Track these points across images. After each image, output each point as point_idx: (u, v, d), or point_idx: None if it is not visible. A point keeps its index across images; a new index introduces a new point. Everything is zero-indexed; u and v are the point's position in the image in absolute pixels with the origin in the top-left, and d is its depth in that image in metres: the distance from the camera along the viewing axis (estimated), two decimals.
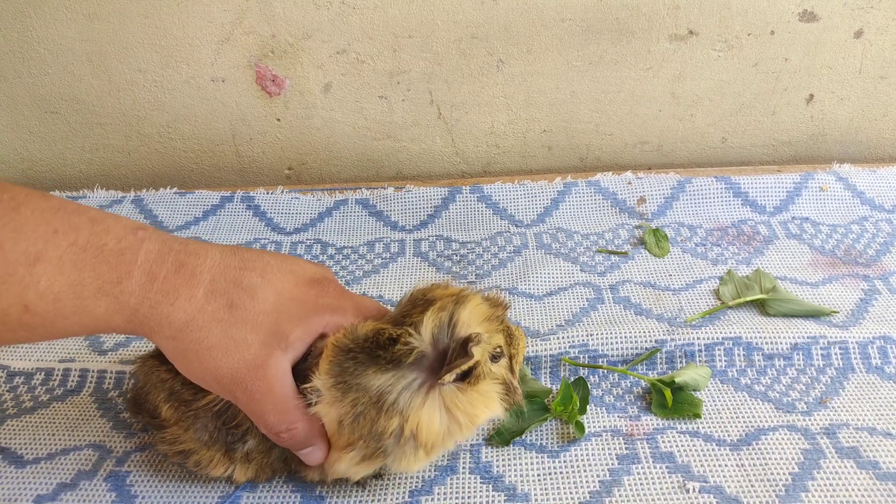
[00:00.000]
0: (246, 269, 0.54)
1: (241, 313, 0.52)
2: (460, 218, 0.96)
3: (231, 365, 0.51)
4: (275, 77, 1.00)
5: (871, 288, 0.80)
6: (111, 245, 0.49)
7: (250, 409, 0.53)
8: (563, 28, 0.96)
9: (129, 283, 0.49)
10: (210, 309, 0.51)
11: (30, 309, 0.47)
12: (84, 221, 0.49)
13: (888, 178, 0.95)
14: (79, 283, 0.48)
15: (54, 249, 0.47)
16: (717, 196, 0.95)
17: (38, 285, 0.46)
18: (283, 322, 0.53)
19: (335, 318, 0.55)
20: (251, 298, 0.52)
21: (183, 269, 0.51)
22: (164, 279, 0.50)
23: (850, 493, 0.58)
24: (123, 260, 0.49)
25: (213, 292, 0.52)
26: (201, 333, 0.51)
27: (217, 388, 0.53)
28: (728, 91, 1.01)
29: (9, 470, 0.64)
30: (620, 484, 0.60)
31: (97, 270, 0.48)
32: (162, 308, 0.50)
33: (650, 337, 0.73)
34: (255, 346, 0.52)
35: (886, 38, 0.97)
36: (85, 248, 0.48)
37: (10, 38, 0.97)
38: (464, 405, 0.55)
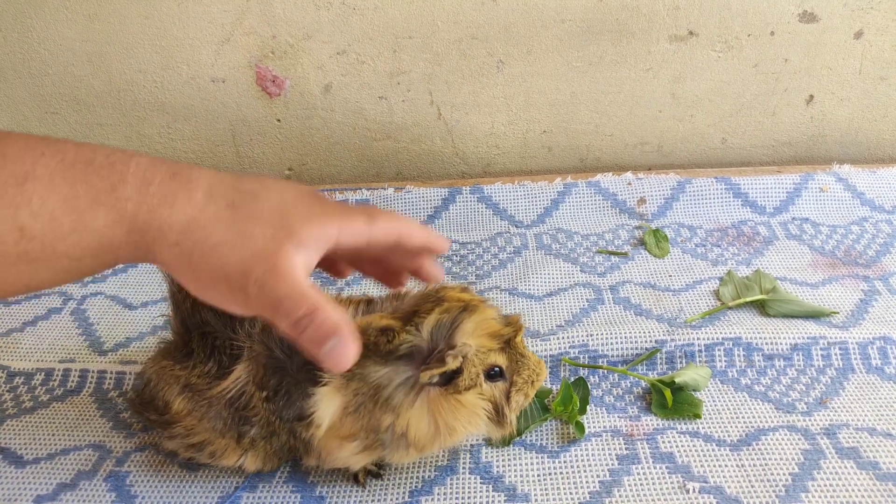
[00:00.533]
0: (244, 179, 0.51)
1: (244, 211, 0.49)
2: (460, 218, 0.96)
3: (239, 258, 0.47)
4: (275, 78, 1.00)
5: (870, 288, 0.80)
6: (100, 159, 0.48)
7: (263, 301, 0.48)
8: (563, 29, 0.96)
9: (123, 189, 0.47)
10: (211, 209, 0.48)
11: (26, 232, 0.45)
12: (70, 145, 0.48)
13: (888, 178, 0.95)
14: (72, 196, 0.46)
15: (43, 168, 0.46)
16: (717, 197, 0.95)
17: (30, 204, 0.45)
18: (292, 218, 0.49)
19: (347, 221, 0.51)
20: (253, 199, 0.50)
21: (178, 176, 0.49)
22: (160, 183, 0.48)
23: (850, 493, 0.58)
24: (115, 170, 0.48)
25: (212, 195, 0.49)
26: (204, 232, 0.48)
27: (226, 288, 0.48)
28: (728, 92, 1.01)
29: (9, 470, 0.64)
30: (620, 484, 0.60)
31: (89, 182, 0.47)
32: (161, 211, 0.48)
33: (650, 337, 0.73)
34: (262, 238, 0.48)
35: (886, 38, 0.97)
36: (73, 163, 0.47)
37: (10, 39, 0.97)
38: (445, 413, 0.55)
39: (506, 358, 0.58)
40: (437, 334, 0.54)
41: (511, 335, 0.58)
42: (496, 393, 0.57)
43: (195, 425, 0.58)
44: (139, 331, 0.80)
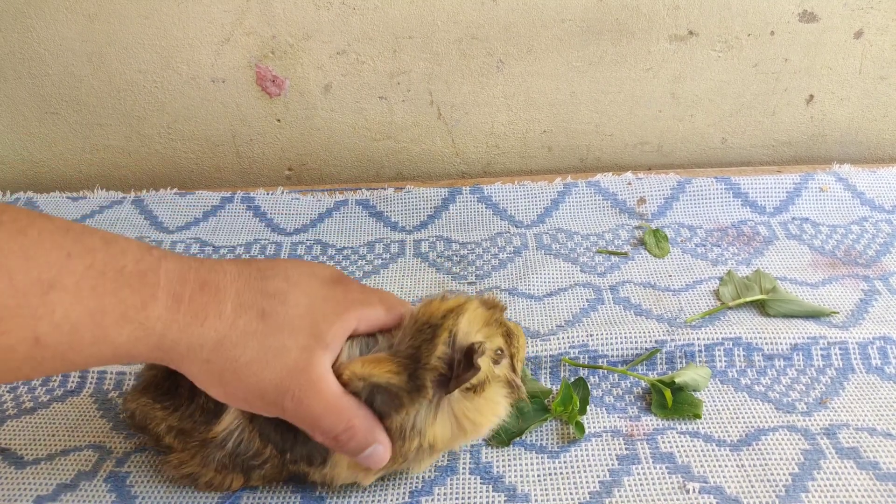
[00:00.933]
0: (268, 278, 0.51)
1: (275, 320, 0.49)
2: (460, 218, 0.96)
3: (273, 375, 0.48)
4: (275, 78, 1.00)
5: (870, 288, 0.80)
6: (130, 267, 0.45)
7: (301, 417, 0.50)
8: (563, 28, 0.96)
9: (154, 307, 0.45)
10: (241, 323, 0.48)
11: (41, 342, 0.42)
12: (98, 242, 0.45)
13: (888, 178, 0.95)
14: (99, 311, 0.43)
15: (70, 275, 0.42)
16: (717, 197, 0.95)
17: (52, 316, 0.42)
18: (319, 322, 0.50)
19: (366, 310, 0.53)
20: (282, 304, 0.50)
21: (206, 287, 0.48)
22: (191, 299, 0.47)
23: (850, 493, 0.58)
24: (146, 282, 0.45)
25: (241, 305, 0.49)
26: (237, 350, 0.48)
27: (261, 404, 0.50)
28: (728, 91, 1.01)
29: (9, 470, 0.64)
30: (620, 484, 0.60)
31: (119, 295, 0.44)
32: (192, 330, 0.47)
33: (650, 337, 0.73)
34: (294, 350, 0.49)
35: (886, 38, 0.97)
36: (103, 271, 0.44)
37: (10, 39, 0.97)
38: (471, 413, 0.55)
39: (502, 337, 0.59)
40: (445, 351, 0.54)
41: (499, 316, 0.59)
42: (505, 371, 0.58)
43: (188, 460, 0.58)
44: None
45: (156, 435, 0.59)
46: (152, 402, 0.58)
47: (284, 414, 0.50)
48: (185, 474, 0.59)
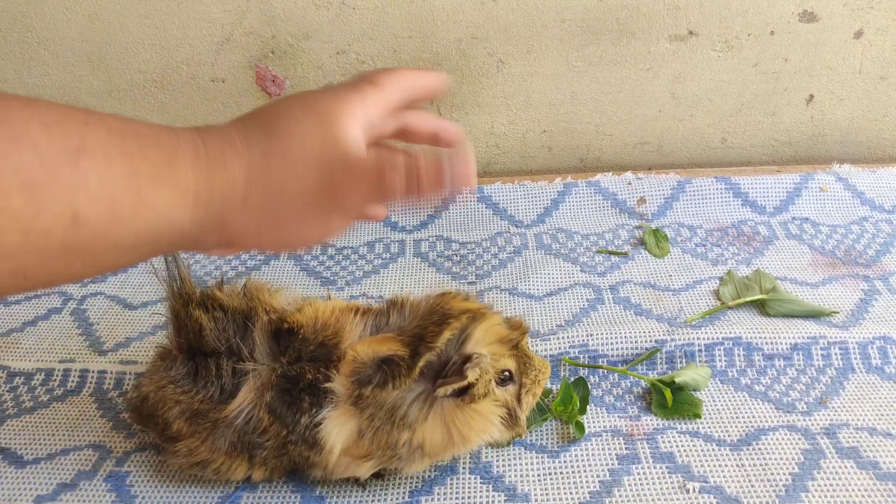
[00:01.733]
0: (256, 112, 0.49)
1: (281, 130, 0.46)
2: (460, 218, 0.96)
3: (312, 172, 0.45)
4: (275, 77, 1.00)
5: (870, 288, 0.80)
6: (145, 130, 0.42)
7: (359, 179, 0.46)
8: (563, 28, 0.96)
9: (180, 161, 0.42)
10: (256, 147, 0.45)
11: (79, 219, 0.38)
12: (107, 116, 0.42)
13: (888, 178, 0.95)
14: (132, 173, 0.40)
15: (95, 140, 0.39)
16: (717, 196, 0.95)
17: (88, 185, 0.38)
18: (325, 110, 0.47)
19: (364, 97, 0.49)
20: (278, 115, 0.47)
21: (213, 134, 0.46)
22: (207, 148, 0.44)
23: (850, 493, 0.58)
24: (163, 142, 0.43)
25: (246, 134, 0.46)
26: (263, 171, 0.45)
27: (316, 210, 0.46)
28: (728, 91, 1.01)
29: (9, 470, 0.64)
30: (620, 484, 0.60)
31: (146, 154, 0.41)
32: (219, 174, 0.44)
33: (650, 337, 0.73)
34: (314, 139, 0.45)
35: (886, 38, 0.97)
36: (124, 133, 0.41)
37: (10, 39, 0.97)
38: (460, 423, 0.55)
39: (514, 361, 0.58)
40: (448, 347, 0.55)
41: (518, 339, 0.59)
42: (508, 397, 0.58)
43: (197, 446, 0.58)
44: (139, 331, 0.80)
45: (164, 421, 0.58)
46: (172, 383, 0.58)
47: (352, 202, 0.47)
48: (195, 462, 0.59)
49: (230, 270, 0.88)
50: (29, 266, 0.37)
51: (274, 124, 0.47)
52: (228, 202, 0.45)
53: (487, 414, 0.56)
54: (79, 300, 0.85)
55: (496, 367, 0.57)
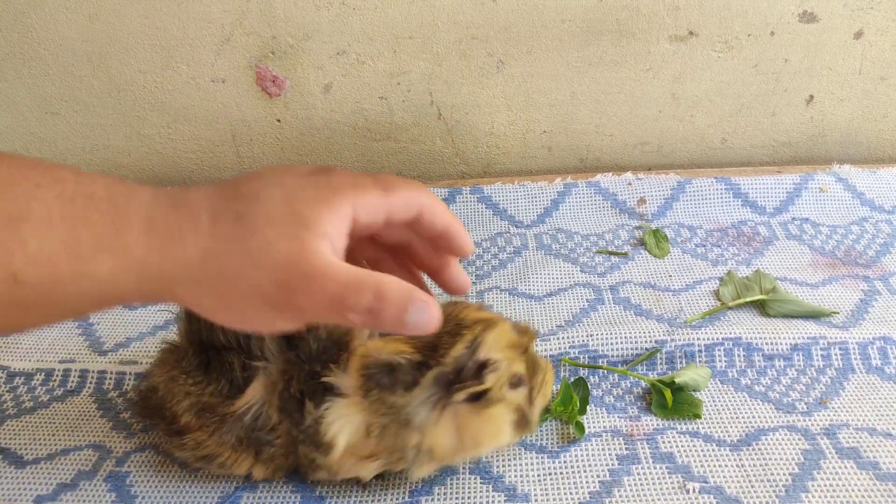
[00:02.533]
0: (240, 183, 0.47)
1: (252, 220, 0.44)
2: (460, 219, 0.95)
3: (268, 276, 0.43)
4: (275, 78, 1.00)
5: (871, 289, 0.80)
6: (101, 193, 0.43)
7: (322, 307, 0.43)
8: (563, 29, 0.96)
9: (129, 234, 0.43)
10: (220, 230, 0.44)
11: (19, 279, 0.40)
12: (67, 174, 0.43)
13: (888, 178, 0.95)
14: (73, 240, 0.41)
15: (40, 205, 0.40)
16: (717, 197, 0.95)
17: (26, 249, 0.40)
18: (302, 209, 0.44)
19: (359, 196, 0.46)
20: (256, 201, 0.45)
21: (178, 205, 0.45)
22: (165, 220, 0.44)
23: (850, 493, 0.58)
24: (117, 208, 0.43)
25: (215, 213, 0.44)
26: (221, 260, 0.44)
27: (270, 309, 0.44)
28: (728, 92, 1.01)
29: (9, 470, 0.64)
30: (620, 484, 0.60)
31: (90, 221, 0.42)
32: (172, 250, 0.43)
33: (650, 337, 0.73)
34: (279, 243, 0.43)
35: (886, 38, 0.97)
36: (73, 198, 0.42)
37: (10, 39, 0.97)
38: (472, 428, 0.55)
39: (524, 365, 0.58)
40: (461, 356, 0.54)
41: (527, 344, 0.59)
42: (520, 399, 0.58)
43: (205, 439, 0.58)
44: (139, 331, 0.80)
45: (172, 414, 0.58)
46: (184, 374, 0.58)
47: (305, 314, 0.44)
48: (201, 455, 0.58)
49: None
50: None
51: (247, 211, 0.45)
52: (180, 280, 0.44)
53: (500, 418, 0.56)
54: None
55: (508, 372, 0.57)
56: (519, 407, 0.57)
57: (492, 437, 0.56)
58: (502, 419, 0.56)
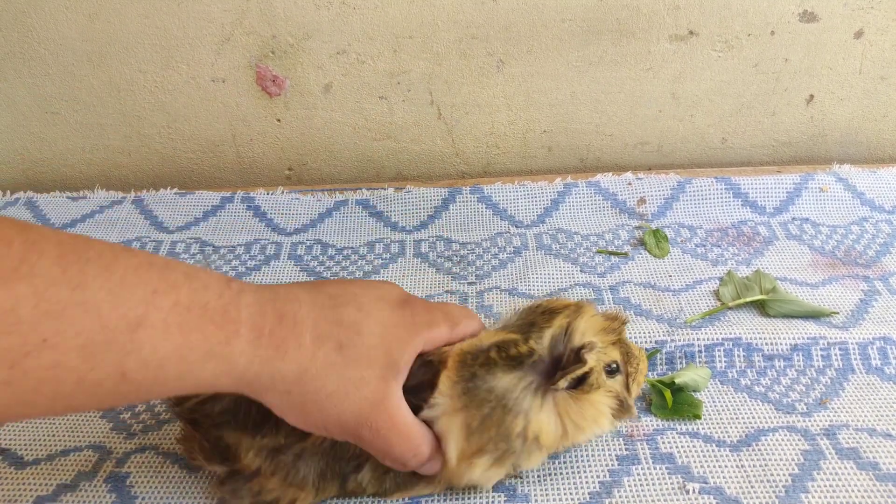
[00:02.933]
0: (339, 306, 0.52)
1: (353, 352, 0.50)
2: (460, 218, 0.96)
3: (353, 407, 0.50)
4: (275, 77, 1.00)
5: (871, 289, 0.80)
6: (213, 302, 0.45)
7: (376, 446, 0.52)
8: (564, 28, 0.96)
9: (238, 343, 0.46)
10: (321, 355, 0.49)
11: (127, 377, 0.42)
12: (180, 277, 0.45)
13: (888, 178, 0.95)
14: (186, 347, 0.44)
15: (157, 312, 0.42)
16: (717, 197, 0.95)
17: (140, 353, 0.42)
18: (393, 350, 0.52)
19: (432, 333, 0.55)
20: (357, 334, 0.51)
21: (285, 320, 0.49)
22: (271, 333, 0.48)
23: (850, 493, 0.58)
24: (228, 318, 0.46)
25: (319, 337, 0.50)
26: (318, 382, 0.49)
27: (339, 433, 0.52)
28: (728, 91, 1.01)
29: (9, 471, 0.64)
30: (620, 485, 0.60)
31: (204, 332, 0.44)
32: (274, 363, 0.47)
33: (650, 338, 0.73)
34: (373, 382, 0.50)
35: (887, 38, 0.97)
36: (189, 307, 0.44)
37: (10, 39, 0.97)
38: (574, 414, 0.55)
39: (619, 352, 0.59)
40: (556, 343, 0.55)
41: (619, 329, 0.59)
42: (618, 387, 0.58)
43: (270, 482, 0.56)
44: None
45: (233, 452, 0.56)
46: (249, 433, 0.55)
47: (360, 442, 0.52)
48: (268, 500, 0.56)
49: (230, 271, 0.88)
50: (79, 404, 0.42)
51: (349, 343, 0.50)
52: (272, 387, 0.49)
53: (601, 404, 0.57)
54: None
55: (603, 359, 0.57)
56: (618, 393, 0.58)
57: (592, 423, 0.56)
58: (602, 404, 0.57)
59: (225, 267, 0.89)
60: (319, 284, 0.55)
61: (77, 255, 0.41)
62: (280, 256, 0.91)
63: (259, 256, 0.91)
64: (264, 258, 0.90)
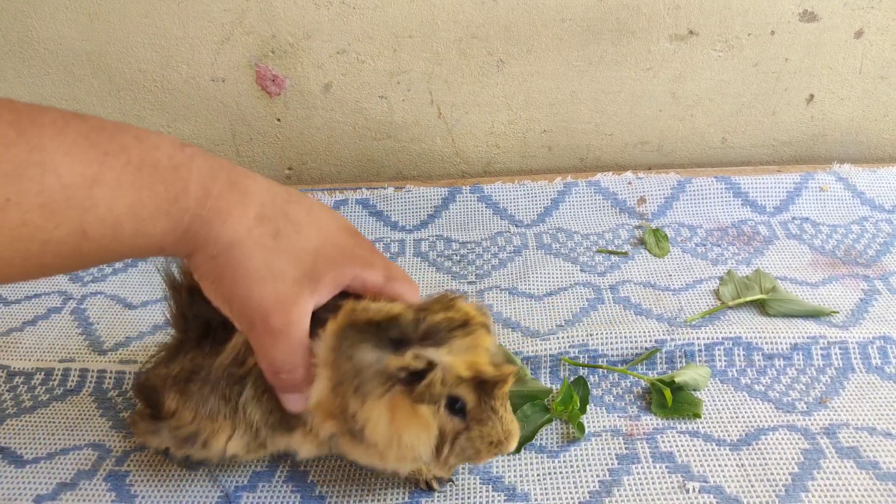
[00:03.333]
0: (293, 202, 0.53)
1: (286, 243, 0.51)
2: (460, 218, 0.96)
3: (261, 295, 0.50)
4: (275, 77, 1.00)
5: (870, 288, 0.80)
6: (164, 162, 0.47)
7: (261, 343, 0.52)
8: (564, 28, 0.96)
9: (185, 200, 0.48)
10: (257, 233, 0.50)
11: (88, 234, 0.45)
12: (131, 139, 0.47)
13: (888, 178, 0.95)
14: (138, 204, 0.46)
15: (110, 171, 0.45)
16: (717, 196, 0.95)
17: (97, 209, 0.44)
18: (320, 263, 0.52)
19: (365, 272, 0.54)
20: (296, 232, 0.52)
21: (235, 187, 0.50)
22: (219, 195, 0.49)
23: (850, 493, 0.58)
24: (178, 176, 0.48)
25: (263, 217, 0.51)
26: (243, 257, 0.50)
27: (237, 315, 0.52)
28: (728, 91, 1.01)
29: (9, 470, 0.64)
30: (620, 484, 0.60)
31: (154, 189, 0.47)
32: (213, 226, 0.49)
33: (650, 337, 0.73)
34: (289, 281, 0.51)
35: (886, 38, 0.97)
36: (140, 166, 0.46)
37: (10, 38, 0.97)
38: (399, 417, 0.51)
39: (475, 398, 0.52)
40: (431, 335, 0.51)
41: (492, 379, 0.52)
42: (447, 426, 0.52)
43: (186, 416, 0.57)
44: (139, 330, 0.80)
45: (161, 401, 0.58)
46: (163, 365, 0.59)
47: (249, 332, 0.52)
48: (182, 437, 0.57)
49: None
50: (48, 263, 0.45)
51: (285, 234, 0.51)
52: (203, 248, 0.50)
53: (424, 422, 0.51)
54: (79, 300, 0.85)
55: (452, 388, 0.51)
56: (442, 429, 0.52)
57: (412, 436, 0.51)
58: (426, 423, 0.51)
59: None
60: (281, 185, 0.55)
61: (32, 119, 0.43)
62: None
63: None
64: None
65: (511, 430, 0.54)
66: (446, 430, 0.52)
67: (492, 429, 0.53)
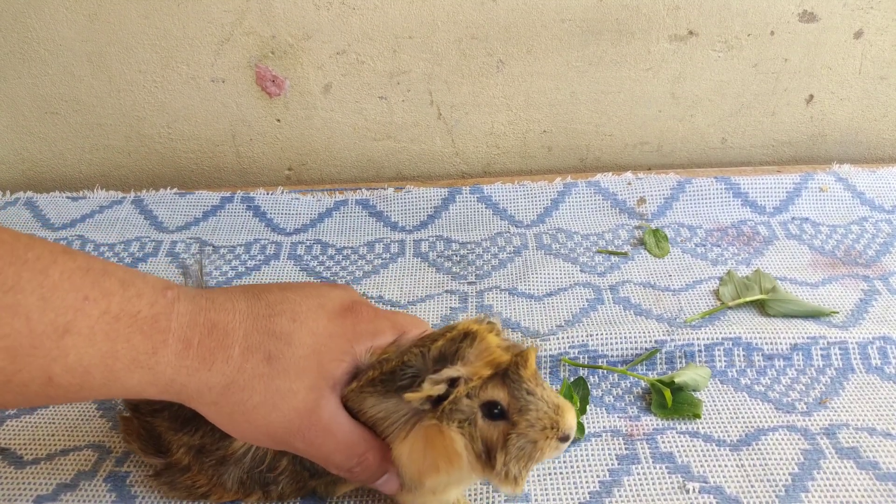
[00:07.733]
0: (275, 315, 0.51)
1: (282, 363, 0.50)
2: (460, 218, 0.96)
3: (282, 417, 0.49)
4: (275, 77, 1.00)
5: (870, 288, 0.80)
6: (144, 311, 0.46)
7: (314, 455, 0.52)
8: (563, 28, 0.96)
9: (164, 353, 0.47)
10: (249, 367, 0.49)
11: (54, 381, 0.43)
12: (115, 285, 0.45)
13: (888, 178, 0.95)
14: (111, 356, 0.45)
15: (85, 319, 0.43)
16: (717, 196, 0.95)
17: (66, 359, 0.43)
18: (326, 362, 0.51)
19: (376, 342, 0.53)
20: (288, 346, 0.50)
21: (215, 330, 0.49)
22: (199, 344, 0.48)
23: (850, 493, 0.58)
24: (158, 327, 0.46)
25: (249, 348, 0.49)
26: (244, 394, 0.49)
27: (271, 443, 0.51)
28: (728, 91, 1.01)
29: (8, 470, 0.64)
30: (620, 484, 0.60)
31: (131, 341, 0.45)
32: (200, 375, 0.48)
33: (650, 337, 0.73)
34: (301, 392, 0.50)
35: (886, 38, 0.97)
36: (118, 316, 0.45)
37: (10, 39, 0.97)
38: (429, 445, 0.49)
39: (506, 394, 0.49)
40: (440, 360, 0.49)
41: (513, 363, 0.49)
42: (493, 434, 0.49)
43: (200, 478, 0.57)
44: None
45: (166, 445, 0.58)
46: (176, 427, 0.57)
47: (297, 452, 0.52)
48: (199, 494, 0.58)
49: (230, 271, 0.88)
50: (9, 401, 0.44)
51: (278, 354, 0.50)
52: (199, 398, 0.49)
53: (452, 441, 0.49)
54: None
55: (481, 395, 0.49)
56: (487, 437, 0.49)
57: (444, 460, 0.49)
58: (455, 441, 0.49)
59: (225, 267, 0.89)
60: (261, 291, 0.53)
61: (14, 256, 0.42)
62: (280, 256, 0.91)
63: (259, 256, 0.91)
64: (264, 258, 0.90)
65: (559, 405, 0.49)
66: (493, 438, 0.49)
67: (537, 412, 0.49)
